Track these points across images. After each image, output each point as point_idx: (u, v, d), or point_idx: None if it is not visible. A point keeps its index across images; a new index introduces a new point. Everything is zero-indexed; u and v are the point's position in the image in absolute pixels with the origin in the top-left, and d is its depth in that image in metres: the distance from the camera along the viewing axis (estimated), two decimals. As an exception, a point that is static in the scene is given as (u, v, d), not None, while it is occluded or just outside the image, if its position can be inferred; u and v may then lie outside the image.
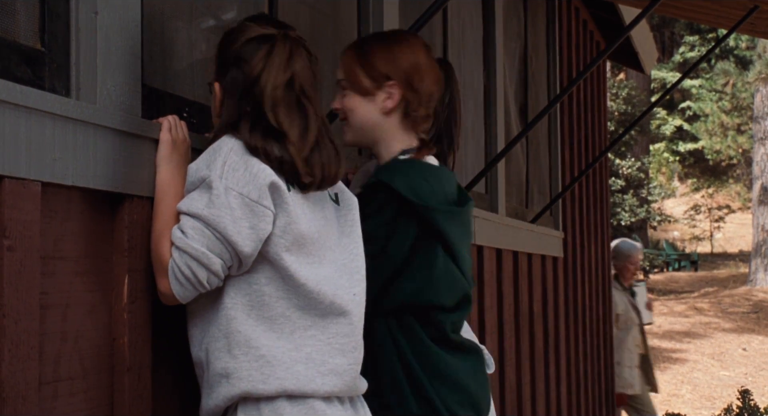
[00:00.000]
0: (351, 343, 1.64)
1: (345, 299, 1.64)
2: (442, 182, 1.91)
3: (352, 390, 1.64)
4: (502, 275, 3.92)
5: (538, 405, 4.33)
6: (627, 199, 18.82)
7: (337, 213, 1.74)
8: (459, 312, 1.89)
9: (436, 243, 1.85)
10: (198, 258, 1.56)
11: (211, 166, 1.60)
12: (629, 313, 6.29)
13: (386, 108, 1.91)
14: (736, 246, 29.52)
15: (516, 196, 4.51)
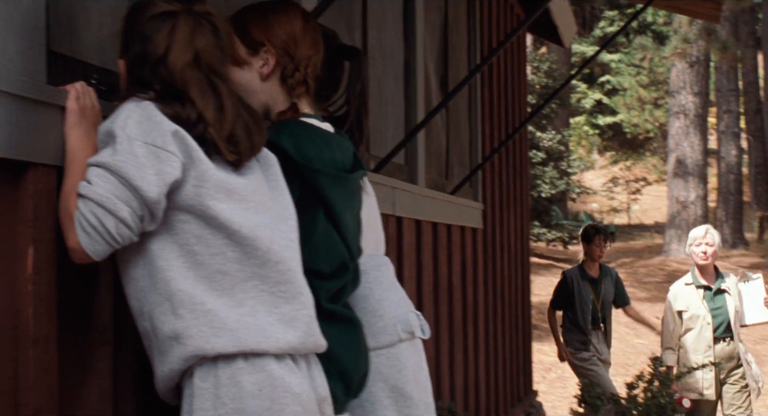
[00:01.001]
0: (294, 289, 1.64)
1: (282, 245, 1.64)
2: (332, 147, 1.90)
3: (310, 342, 1.64)
4: (422, 246, 3.94)
5: (456, 374, 4.38)
6: (547, 172, 19.11)
7: (261, 167, 1.74)
8: (336, 281, 1.85)
9: (318, 207, 1.83)
10: (103, 204, 1.53)
11: (115, 120, 1.59)
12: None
13: (263, 74, 1.92)
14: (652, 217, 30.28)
15: (436, 168, 4.53)
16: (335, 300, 1.87)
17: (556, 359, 10.65)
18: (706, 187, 18.11)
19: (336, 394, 1.80)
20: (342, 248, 1.86)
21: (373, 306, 2.11)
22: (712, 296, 5.46)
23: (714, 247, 5.50)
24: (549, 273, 16.15)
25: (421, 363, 2.21)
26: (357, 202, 1.96)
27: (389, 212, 3.53)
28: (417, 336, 2.17)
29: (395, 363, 2.10)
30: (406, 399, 2.08)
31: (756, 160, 28.45)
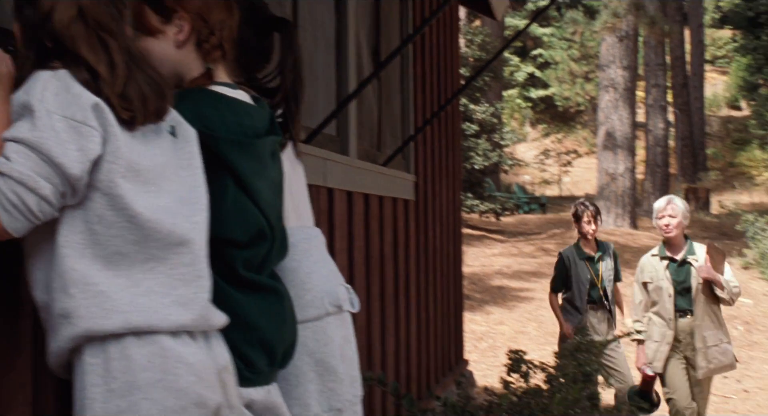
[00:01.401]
0: (193, 272, 1.61)
1: (185, 227, 1.61)
2: (240, 114, 1.86)
3: (203, 323, 1.61)
4: (353, 218, 3.94)
5: (388, 345, 4.41)
6: (480, 144, 19.24)
7: (174, 145, 1.70)
8: (253, 249, 1.82)
9: (226, 176, 1.80)
10: (24, 182, 1.49)
11: (30, 92, 1.54)
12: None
13: (178, 41, 1.88)
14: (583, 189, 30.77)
15: (368, 139, 4.52)
16: (259, 269, 1.85)
17: (488, 328, 10.86)
18: (634, 160, 18.45)
19: (259, 365, 1.78)
20: (257, 216, 1.82)
21: (301, 279, 2.10)
22: (676, 268, 5.26)
23: (678, 218, 5.25)
24: (482, 245, 16.34)
25: (348, 337, 2.21)
26: (272, 169, 1.92)
27: (320, 183, 3.52)
28: (345, 309, 2.17)
29: (321, 336, 2.09)
30: (331, 372, 2.08)
31: (682, 133, 29.08)
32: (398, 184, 4.78)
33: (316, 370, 2.08)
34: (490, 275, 13.41)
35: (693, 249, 5.30)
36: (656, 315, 5.29)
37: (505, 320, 11.05)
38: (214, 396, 1.58)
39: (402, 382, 4.66)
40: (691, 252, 5.28)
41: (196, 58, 1.89)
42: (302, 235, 2.18)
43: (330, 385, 2.10)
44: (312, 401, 2.07)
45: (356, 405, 2.20)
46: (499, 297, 12.05)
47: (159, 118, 1.65)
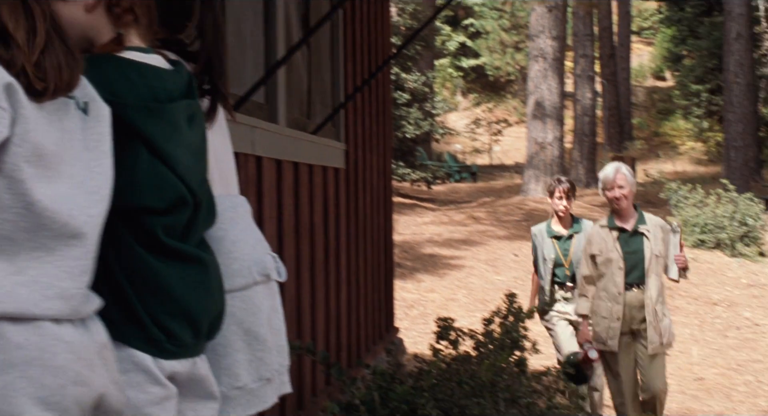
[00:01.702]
0: (81, 266, 1.55)
1: (80, 220, 1.54)
2: (150, 78, 1.78)
3: (77, 314, 1.56)
4: (282, 186, 3.91)
5: (318, 313, 4.41)
6: (412, 113, 19.26)
7: (84, 124, 1.61)
8: (173, 216, 1.76)
9: (138, 143, 1.73)
10: None
11: None
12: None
13: (88, 4, 1.81)
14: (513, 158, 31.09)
15: (297, 107, 4.48)
16: (184, 237, 1.80)
17: (418, 296, 10.95)
18: (562, 129, 18.69)
19: (183, 338, 1.74)
20: (175, 182, 1.77)
21: (227, 248, 2.07)
22: (627, 239, 5.03)
23: (627, 188, 5.01)
24: (413, 213, 16.42)
25: (276, 306, 2.19)
26: (189, 133, 1.86)
27: (248, 151, 3.48)
28: (273, 278, 2.15)
29: (249, 305, 2.07)
30: (260, 342, 2.06)
31: (609, 103, 29.53)
32: (328, 152, 4.76)
33: (244, 340, 2.06)
34: (421, 243, 13.49)
35: (644, 218, 5.09)
36: (603, 290, 5.06)
37: (435, 288, 11.15)
38: (94, 375, 1.53)
39: (332, 351, 4.67)
40: (642, 222, 5.07)
41: (106, 23, 1.81)
42: (228, 203, 2.15)
43: (259, 355, 2.08)
44: (241, 371, 2.05)
45: (284, 374, 2.19)
46: (430, 265, 12.15)
47: (70, 90, 1.58)
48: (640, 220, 5.08)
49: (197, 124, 1.88)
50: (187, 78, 1.87)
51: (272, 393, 2.11)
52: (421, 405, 3.42)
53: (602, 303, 5.07)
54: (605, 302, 5.05)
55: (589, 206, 18.04)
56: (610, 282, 5.02)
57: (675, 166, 28.50)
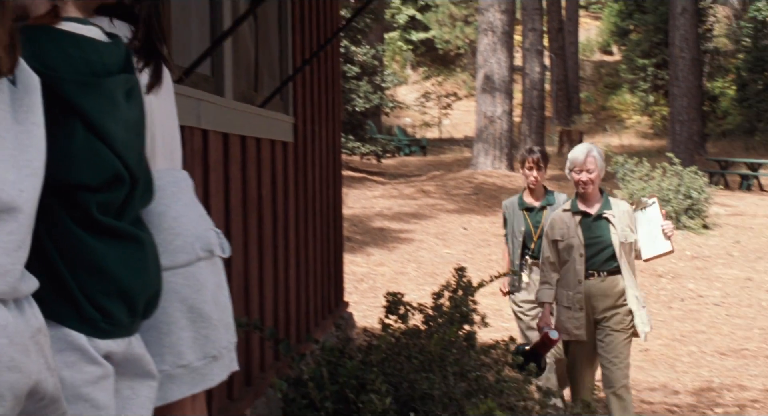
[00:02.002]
0: (15, 241, 1.49)
1: (11, 194, 1.48)
2: (87, 51, 1.71)
3: (15, 292, 1.50)
4: (229, 160, 3.85)
5: (266, 289, 4.37)
6: (362, 86, 19.18)
7: (12, 95, 1.54)
8: (109, 193, 1.71)
9: (73, 118, 1.67)
10: None
11: None
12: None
13: None
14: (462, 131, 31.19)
15: (244, 79, 4.41)
16: (119, 215, 1.75)
17: (368, 270, 10.95)
18: (511, 103, 18.75)
19: (118, 317, 1.68)
20: (111, 158, 1.71)
21: (169, 224, 2.01)
22: (590, 224, 4.75)
23: (596, 171, 4.71)
24: (363, 187, 16.39)
25: (221, 283, 2.15)
26: (127, 108, 1.80)
27: (194, 125, 3.42)
28: (217, 254, 2.10)
29: (193, 282, 2.02)
30: (205, 319, 2.02)
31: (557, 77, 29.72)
32: (276, 125, 4.70)
33: (188, 317, 2.02)
34: (371, 217, 13.49)
35: (609, 203, 4.80)
36: (564, 278, 4.81)
37: (385, 261, 11.16)
38: (29, 361, 1.48)
39: (281, 326, 4.63)
40: (607, 207, 4.77)
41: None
42: (170, 178, 2.09)
43: (204, 332, 2.04)
44: (185, 349, 2.01)
45: (231, 351, 2.15)
46: (380, 239, 12.15)
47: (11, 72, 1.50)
48: (605, 205, 4.77)
49: (135, 99, 1.81)
50: (125, 52, 1.81)
51: (218, 370, 2.08)
52: (370, 380, 3.42)
53: (563, 291, 4.79)
54: (566, 290, 4.77)
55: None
56: (571, 270, 4.75)
57: (621, 140, 28.83)
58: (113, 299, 1.67)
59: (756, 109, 27.79)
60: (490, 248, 12.10)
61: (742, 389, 6.44)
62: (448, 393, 3.95)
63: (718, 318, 8.82)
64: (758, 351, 7.55)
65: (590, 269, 4.74)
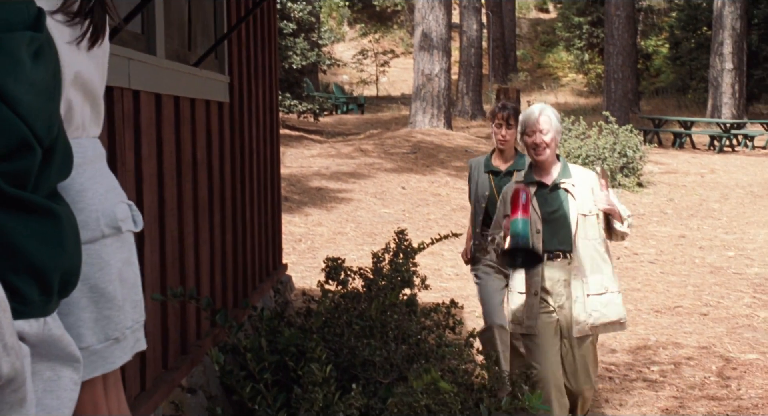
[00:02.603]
0: None
1: None
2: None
3: None
4: (162, 122, 3.70)
5: (202, 254, 4.26)
6: (298, 43, 18.89)
7: None
8: (16, 163, 1.56)
9: None
10: None
11: None
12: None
13: None
14: (400, 89, 31.07)
15: (177, 37, 4.24)
16: (33, 188, 1.61)
17: (306, 230, 10.85)
18: (449, 61, 18.67)
19: (29, 295, 1.55)
20: (16, 123, 1.55)
21: (72, 198, 1.87)
22: (546, 195, 4.10)
23: (551, 133, 4.02)
24: (300, 145, 16.21)
25: (130, 259, 2.03)
26: (35, 69, 1.65)
27: (124, 85, 3.26)
28: (125, 230, 1.98)
29: (96, 260, 1.90)
30: (108, 299, 1.91)
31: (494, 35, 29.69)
32: (211, 85, 4.55)
33: (90, 297, 1.90)
34: (309, 176, 13.36)
35: (568, 171, 4.13)
36: None
37: (323, 221, 11.07)
38: None
39: (218, 292, 4.53)
40: (566, 175, 4.11)
41: None
42: (76, 148, 1.94)
43: (106, 313, 1.92)
44: (86, 331, 1.89)
45: (138, 331, 2.04)
46: (318, 199, 12.04)
47: None
48: (563, 173, 4.11)
49: (45, 60, 1.66)
50: (34, 10, 1.66)
51: (120, 353, 1.97)
52: (310, 348, 3.35)
53: (518, 275, 4.16)
54: (522, 274, 4.13)
55: (474, 138, 18.21)
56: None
57: (557, 98, 29.03)
58: (23, 277, 1.54)
59: (688, 66, 28.17)
60: (428, 207, 12.09)
61: (677, 346, 6.54)
62: (389, 358, 3.91)
63: (652, 276, 8.95)
64: (692, 308, 7.68)
65: (549, 248, 4.05)
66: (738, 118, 22.58)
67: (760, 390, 5.64)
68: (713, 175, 15.95)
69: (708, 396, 5.53)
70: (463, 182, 13.89)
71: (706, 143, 20.24)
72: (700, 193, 14.04)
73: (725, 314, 7.47)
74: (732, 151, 19.61)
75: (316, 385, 3.04)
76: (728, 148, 19.74)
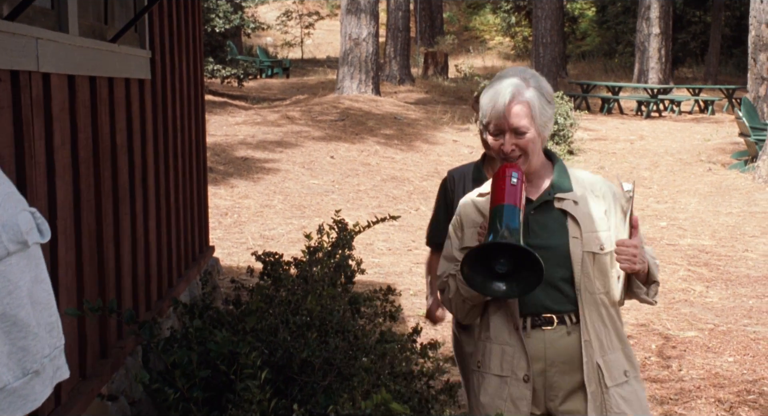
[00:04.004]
0: None
1: None
2: None
3: None
4: (76, 106, 3.35)
5: (123, 247, 3.93)
6: (221, 5, 18.31)
7: None
8: None
9: None
10: None
11: None
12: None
13: None
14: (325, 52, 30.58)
15: (92, 11, 3.86)
16: None
17: (232, 202, 10.50)
18: (377, 24, 18.31)
19: None
20: None
21: None
22: (530, 219, 2.51)
23: (533, 129, 2.46)
24: (224, 112, 15.74)
25: (39, 276, 1.71)
26: None
27: (32, 68, 2.91)
28: (32, 243, 1.67)
29: (3, 284, 1.59)
30: (21, 327, 1.61)
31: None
32: (131, 61, 4.18)
33: (1, 328, 1.60)
34: (234, 145, 12.95)
35: (566, 179, 2.56)
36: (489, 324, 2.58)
37: (250, 193, 10.73)
38: None
39: (141, 284, 4.21)
40: (563, 186, 2.53)
41: None
42: None
43: (21, 343, 1.62)
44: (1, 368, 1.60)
45: (58, 358, 1.74)
46: (244, 169, 11.67)
47: None
48: (559, 183, 2.54)
49: None
50: None
51: (41, 387, 1.68)
52: (243, 354, 3.08)
53: (488, 344, 2.58)
54: (499, 345, 2.55)
55: (403, 104, 17.94)
56: (499, 309, 2.56)
57: (484, 61, 28.91)
58: None
59: (615, 30, 28.33)
60: (358, 178, 11.82)
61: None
62: (328, 358, 3.66)
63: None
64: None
65: (535, 310, 2.50)
66: (664, 82, 22.78)
67: (701, 370, 5.57)
68: (642, 141, 16.03)
69: (650, 378, 5.44)
70: (394, 151, 13.66)
71: (634, 108, 20.36)
72: (630, 161, 14.07)
73: (661, 289, 7.41)
74: (659, 116, 19.77)
75: (253, 403, 2.78)
76: (655, 113, 19.90)
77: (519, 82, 2.50)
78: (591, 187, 2.59)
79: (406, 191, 11.56)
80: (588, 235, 2.51)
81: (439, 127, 15.81)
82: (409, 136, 14.82)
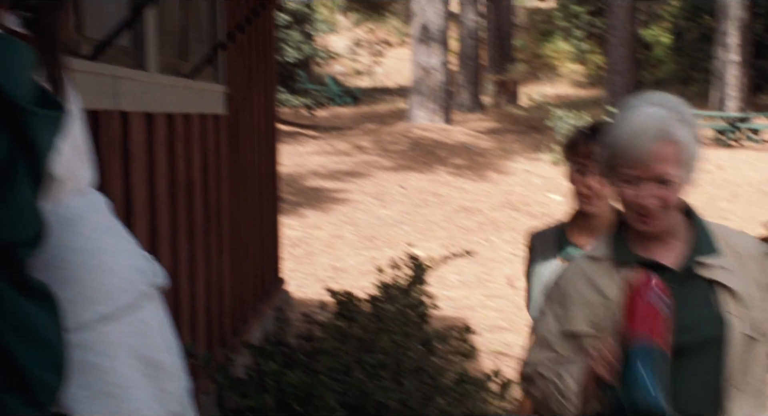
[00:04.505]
0: None
1: None
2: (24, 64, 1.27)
3: None
4: (154, 143, 3.36)
5: (197, 283, 3.92)
6: (292, 35, 18.54)
7: None
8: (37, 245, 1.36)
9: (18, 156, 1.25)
10: None
11: None
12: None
13: None
14: (394, 80, 30.69)
15: (170, 48, 3.89)
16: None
17: (303, 233, 10.51)
18: (447, 53, 18.31)
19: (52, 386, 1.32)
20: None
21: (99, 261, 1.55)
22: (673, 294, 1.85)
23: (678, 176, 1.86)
24: (295, 142, 15.84)
25: (164, 318, 1.71)
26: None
27: (110, 107, 2.92)
28: (159, 284, 1.66)
29: (141, 327, 1.56)
30: (161, 370, 1.58)
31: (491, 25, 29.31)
32: (207, 97, 4.20)
33: (144, 372, 1.57)
34: (305, 175, 13.00)
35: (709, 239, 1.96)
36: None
37: (320, 224, 10.72)
38: None
39: (214, 321, 4.19)
40: (708, 248, 1.95)
41: None
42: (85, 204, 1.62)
43: (163, 386, 1.60)
44: (148, 413, 1.57)
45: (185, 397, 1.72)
46: (314, 200, 11.69)
47: None
48: (702, 244, 1.96)
49: None
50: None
51: None
52: (317, 396, 3.02)
53: None
54: None
55: (474, 133, 17.85)
56: None
57: (555, 89, 28.70)
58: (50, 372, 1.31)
59: (691, 57, 27.85)
60: (429, 208, 11.74)
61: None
62: (402, 399, 3.58)
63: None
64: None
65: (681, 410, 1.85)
66: (743, 110, 22.28)
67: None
68: (721, 171, 15.64)
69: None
70: (464, 181, 13.57)
71: (711, 137, 19.92)
72: (708, 192, 13.72)
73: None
74: (738, 145, 19.31)
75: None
76: (734, 142, 19.44)
77: (665, 115, 1.85)
78: (740, 248, 1.96)
79: (478, 222, 11.45)
80: (742, 313, 1.88)
81: (510, 157, 15.68)
82: (480, 165, 14.71)
